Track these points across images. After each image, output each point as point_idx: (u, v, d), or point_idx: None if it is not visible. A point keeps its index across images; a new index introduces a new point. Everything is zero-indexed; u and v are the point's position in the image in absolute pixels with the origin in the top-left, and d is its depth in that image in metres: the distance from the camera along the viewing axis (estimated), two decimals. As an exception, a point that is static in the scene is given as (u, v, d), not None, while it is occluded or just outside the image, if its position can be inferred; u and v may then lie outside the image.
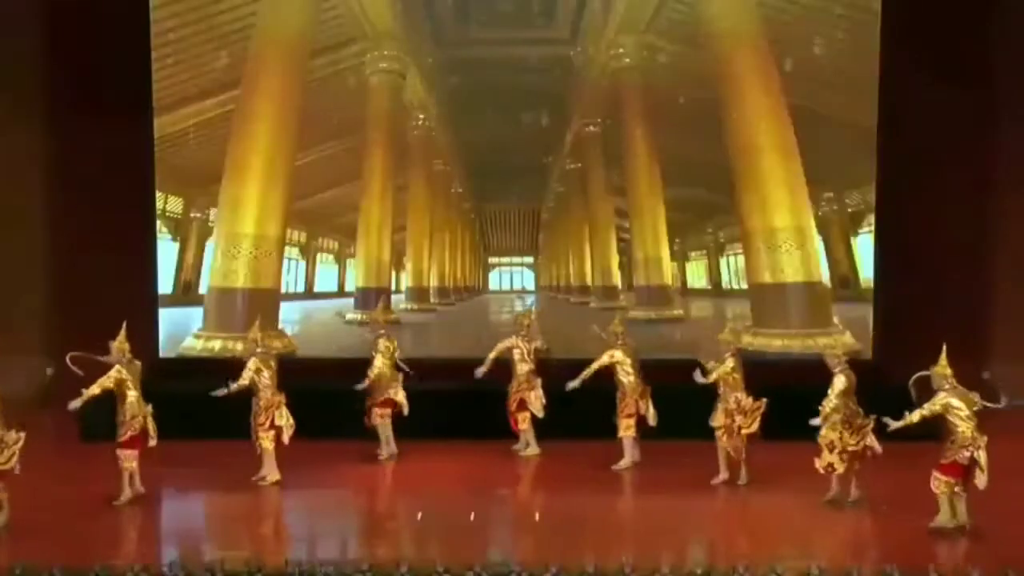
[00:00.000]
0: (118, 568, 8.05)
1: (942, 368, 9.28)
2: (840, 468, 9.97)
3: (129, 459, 10.07)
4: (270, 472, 10.76)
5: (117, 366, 10.10)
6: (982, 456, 9.05)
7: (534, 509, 10.21)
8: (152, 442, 10.17)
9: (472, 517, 9.88)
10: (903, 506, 9.97)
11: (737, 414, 10.62)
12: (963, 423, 9.09)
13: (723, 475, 10.75)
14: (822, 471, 10.02)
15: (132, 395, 10.11)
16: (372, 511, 10.78)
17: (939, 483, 9.21)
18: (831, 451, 9.96)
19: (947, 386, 9.22)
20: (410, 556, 8.32)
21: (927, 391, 9.41)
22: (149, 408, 10.20)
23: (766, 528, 9.84)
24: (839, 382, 9.96)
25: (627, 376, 11.37)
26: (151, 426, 10.17)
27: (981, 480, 9.08)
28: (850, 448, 9.91)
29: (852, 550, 9.26)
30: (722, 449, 10.74)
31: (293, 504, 10.54)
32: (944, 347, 9.29)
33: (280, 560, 8.23)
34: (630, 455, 11.49)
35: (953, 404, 9.15)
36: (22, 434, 9.34)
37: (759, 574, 7.97)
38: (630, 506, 10.95)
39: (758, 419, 10.63)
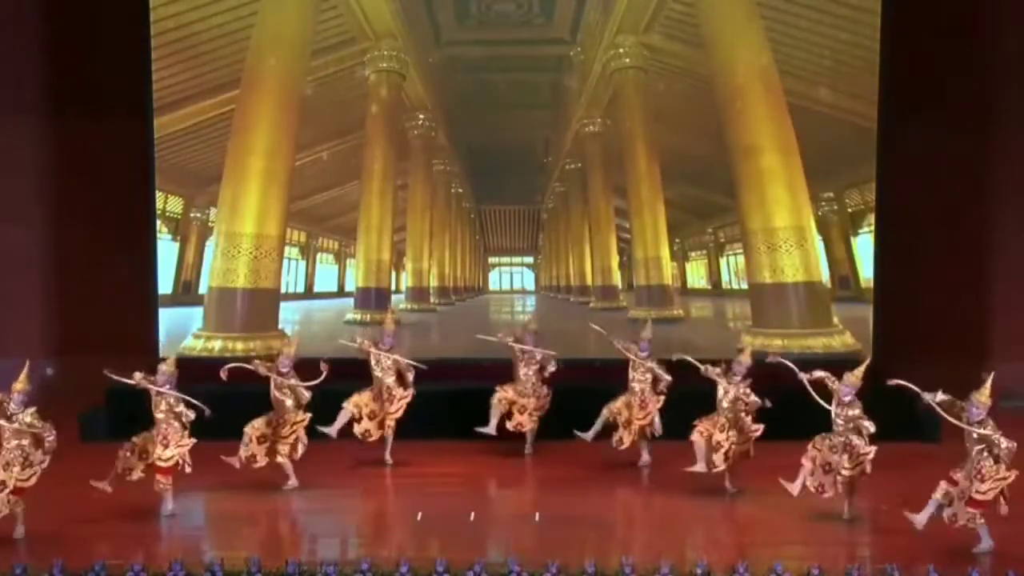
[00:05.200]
0: (118, 568, 8.06)
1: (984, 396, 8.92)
2: (831, 492, 9.77)
3: (165, 484, 9.96)
4: (293, 479, 10.82)
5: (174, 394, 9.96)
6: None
7: (534, 509, 10.20)
8: (188, 469, 10.01)
9: (472, 517, 9.88)
10: (903, 506, 9.96)
11: (731, 430, 10.48)
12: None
13: (700, 466, 10.55)
14: (813, 490, 9.82)
15: (177, 421, 9.95)
16: (372, 511, 10.79)
17: (974, 516, 8.87)
18: (826, 472, 9.75)
19: (984, 415, 8.84)
20: (410, 556, 8.32)
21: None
22: (191, 441, 10.01)
23: (766, 528, 9.83)
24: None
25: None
26: (187, 456, 10.01)
27: (1003, 508, 8.91)
28: (845, 472, 9.69)
29: (852, 550, 9.26)
30: (698, 443, 10.52)
31: (293, 504, 10.54)
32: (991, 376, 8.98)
33: (280, 560, 8.24)
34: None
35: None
36: (47, 456, 9.31)
37: (759, 574, 7.97)
38: (630, 506, 10.94)
39: (751, 439, 10.49)
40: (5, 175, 14.54)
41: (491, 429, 11.91)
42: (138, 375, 9.93)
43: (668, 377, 11.33)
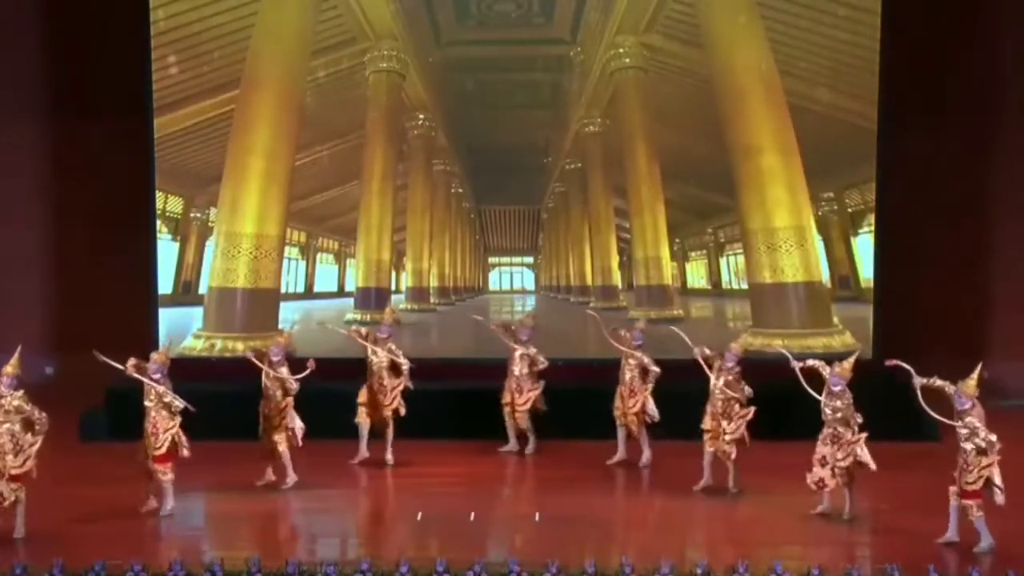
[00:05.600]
0: (118, 568, 8.07)
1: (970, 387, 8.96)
2: (831, 484, 9.77)
3: (166, 473, 9.94)
4: (291, 475, 10.79)
5: (159, 386, 9.91)
6: (995, 474, 8.82)
7: (534, 509, 10.20)
8: (185, 452, 9.96)
9: (472, 517, 9.88)
10: (903, 506, 9.97)
11: (723, 418, 10.51)
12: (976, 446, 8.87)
13: (706, 480, 10.66)
14: (813, 486, 9.83)
15: (165, 411, 9.92)
16: (372, 511, 10.78)
17: (972, 510, 8.90)
18: (823, 466, 9.77)
19: (968, 405, 8.89)
20: (410, 556, 8.32)
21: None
22: (178, 420, 9.97)
23: (766, 528, 9.83)
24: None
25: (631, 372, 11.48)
26: (181, 438, 9.94)
27: (999, 497, 8.87)
28: (840, 464, 9.69)
29: (852, 550, 9.26)
30: (707, 453, 10.65)
31: (292, 504, 10.54)
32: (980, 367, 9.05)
33: (280, 560, 8.25)
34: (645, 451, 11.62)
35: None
36: (38, 437, 9.31)
37: (759, 574, 7.98)
38: (630, 506, 10.94)
39: (743, 426, 10.43)
40: (5, 175, 14.54)
41: (513, 445, 12.03)
42: (131, 362, 9.93)
43: (656, 369, 11.37)
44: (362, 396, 11.63)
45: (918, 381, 9.18)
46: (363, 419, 11.60)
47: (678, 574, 8.01)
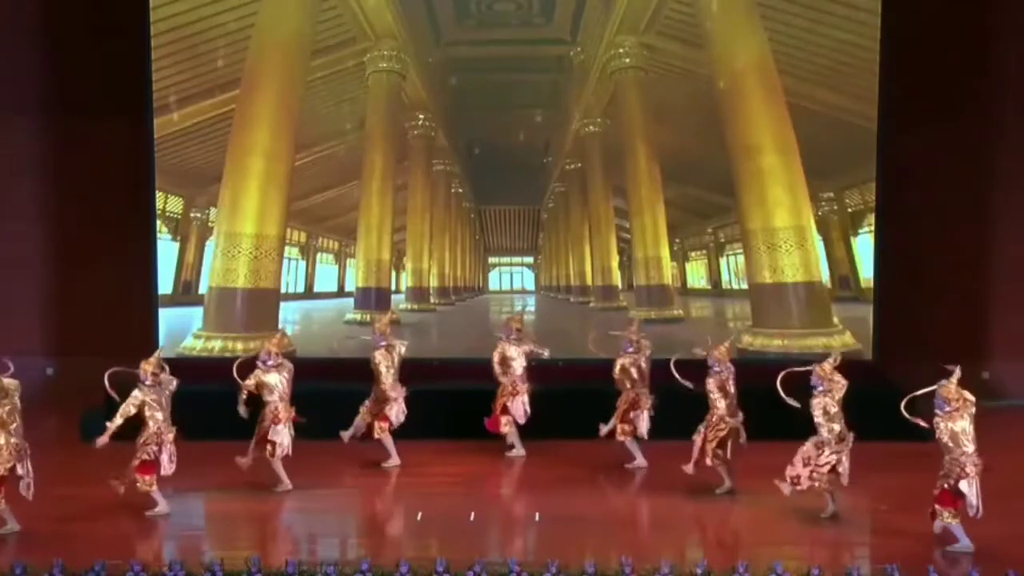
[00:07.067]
0: (118, 568, 8.07)
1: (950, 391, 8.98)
2: (805, 485, 9.74)
3: (144, 484, 9.91)
4: (282, 481, 10.75)
5: (136, 391, 9.89)
6: (971, 485, 8.79)
7: (534, 509, 10.21)
8: (164, 470, 9.90)
9: (472, 517, 9.88)
10: (902, 506, 9.97)
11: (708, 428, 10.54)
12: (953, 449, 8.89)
13: (689, 468, 10.61)
14: (787, 479, 9.78)
15: (151, 420, 9.92)
16: (372, 511, 10.79)
17: (943, 515, 8.94)
18: (804, 465, 9.74)
19: (949, 408, 8.92)
20: (410, 556, 8.32)
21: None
22: (171, 435, 9.95)
23: (766, 528, 9.83)
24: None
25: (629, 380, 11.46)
26: (167, 454, 9.90)
27: (970, 511, 8.85)
28: (818, 468, 9.68)
29: (852, 550, 9.27)
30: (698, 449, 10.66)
31: (292, 504, 10.54)
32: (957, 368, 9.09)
33: (280, 560, 8.25)
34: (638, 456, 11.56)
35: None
36: (13, 439, 9.28)
37: (759, 574, 7.98)
38: (630, 506, 10.95)
39: (719, 436, 10.45)
40: (5, 175, 14.54)
41: (520, 451, 11.99)
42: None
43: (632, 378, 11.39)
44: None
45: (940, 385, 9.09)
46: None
47: (678, 574, 8.01)
